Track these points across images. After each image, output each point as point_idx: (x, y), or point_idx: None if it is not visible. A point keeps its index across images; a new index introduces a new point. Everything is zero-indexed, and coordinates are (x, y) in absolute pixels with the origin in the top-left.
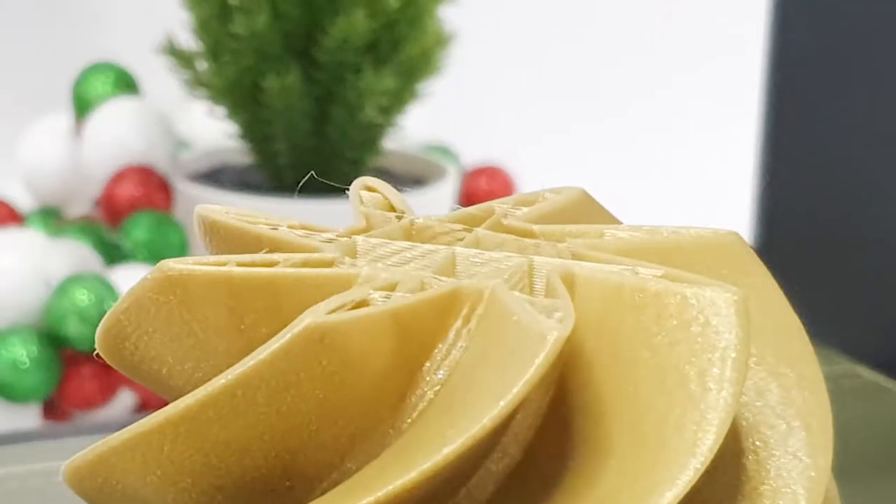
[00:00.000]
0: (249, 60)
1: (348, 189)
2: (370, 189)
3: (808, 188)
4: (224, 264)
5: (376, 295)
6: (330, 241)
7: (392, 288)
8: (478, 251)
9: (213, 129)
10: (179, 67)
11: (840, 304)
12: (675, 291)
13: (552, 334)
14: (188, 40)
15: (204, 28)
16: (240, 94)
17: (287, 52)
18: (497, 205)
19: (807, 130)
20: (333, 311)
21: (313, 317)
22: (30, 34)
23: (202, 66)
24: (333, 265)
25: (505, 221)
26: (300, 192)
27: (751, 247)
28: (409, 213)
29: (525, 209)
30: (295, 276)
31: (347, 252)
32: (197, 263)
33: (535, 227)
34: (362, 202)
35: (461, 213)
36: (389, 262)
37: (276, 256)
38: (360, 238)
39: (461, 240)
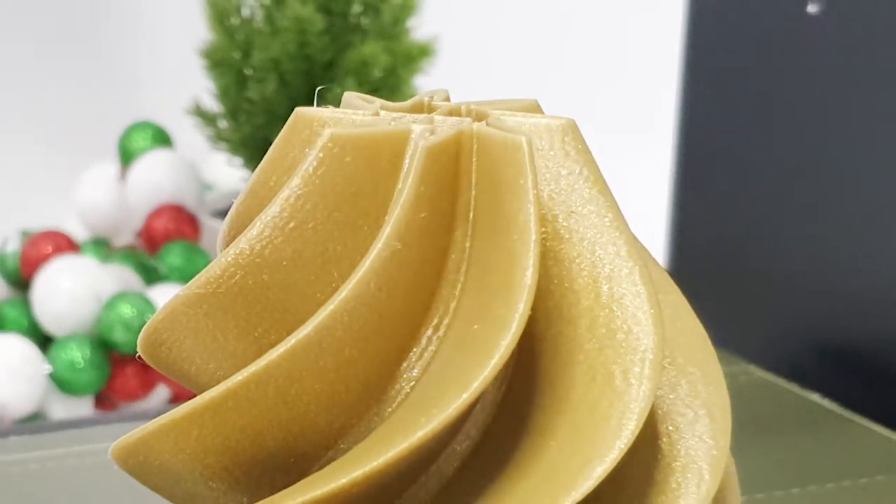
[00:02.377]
0: (261, 120)
1: None
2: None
3: (711, 223)
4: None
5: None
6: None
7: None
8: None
9: (231, 176)
10: (204, 126)
11: (736, 316)
12: (605, 304)
13: (505, 340)
14: (212, 104)
15: (224, 94)
16: (253, 147)
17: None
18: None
19: (712, 175)
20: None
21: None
22: (85, 98)
23: (223, 124)
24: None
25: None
26: None
27: (665, 270)
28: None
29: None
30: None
31: None
32: (216, 284)
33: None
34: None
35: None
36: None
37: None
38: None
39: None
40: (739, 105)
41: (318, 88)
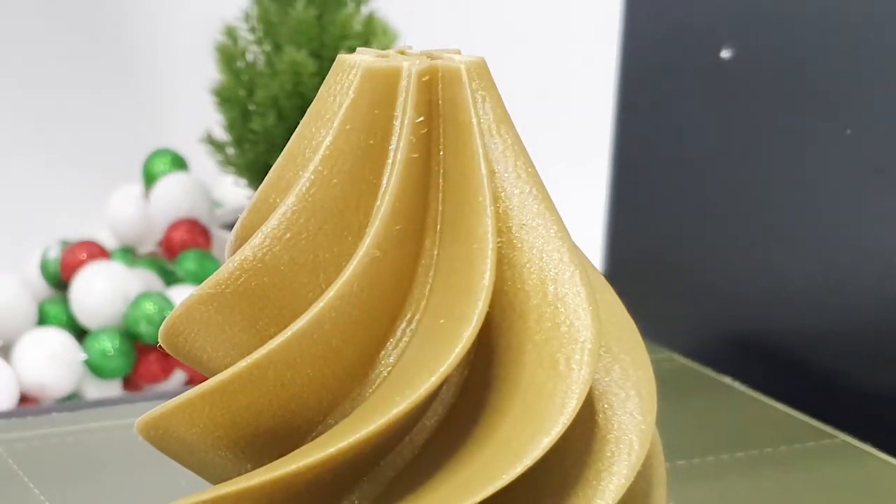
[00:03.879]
0: (262, 148)
1: None
2: None
3: (640, 234)
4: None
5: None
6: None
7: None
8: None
9: (237, 194)
10: (215, 153)
11: (661, 312)
12: (551, 302)
13: (467, 332)
14: (221, 134)
15: (231, 126)
16: (255, 171)
17: (288, 140)
18: None
19: (640, 193)
20: None
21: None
22: (115, 130)
23: (230, 151)
24: None
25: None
26: None
27: (601, 273)
28: None
29: None
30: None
31: None
32: (224, 285)
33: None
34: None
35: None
36: None
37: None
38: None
39: None
40: (665, 134)
41: None
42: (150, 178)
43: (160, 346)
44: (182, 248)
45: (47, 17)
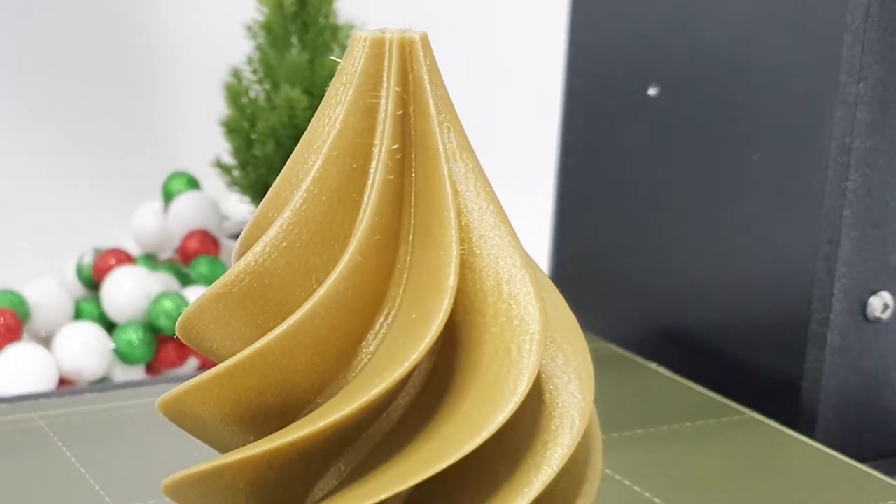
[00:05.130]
0: (263, 171)
1: None
2: None
3: (581, 242)
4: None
5: None
6: None
7: None
8: None
9: (242, 210)
10: (223, 175)
11: (598, 308)
12: (505, 300)
13: (435, 325)
14: (228, 159)
15: (237, 152)
16: (257, 190)
17: (285, 164)
18: None
19: (582, 207)
20: None
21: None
22: (140, 155)
23: (236, 174)
24: None
25: None
26: None
27: (547, 275)
28: None
29: None
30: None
31: None
32: (231, 286)
33: None
34: None
35: None
36: None
37: None
38: None
39: None
40: (602, 159)
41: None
42: (168, 196)
43: (177, 337)
44: (195, 254)
45: (92, 69)
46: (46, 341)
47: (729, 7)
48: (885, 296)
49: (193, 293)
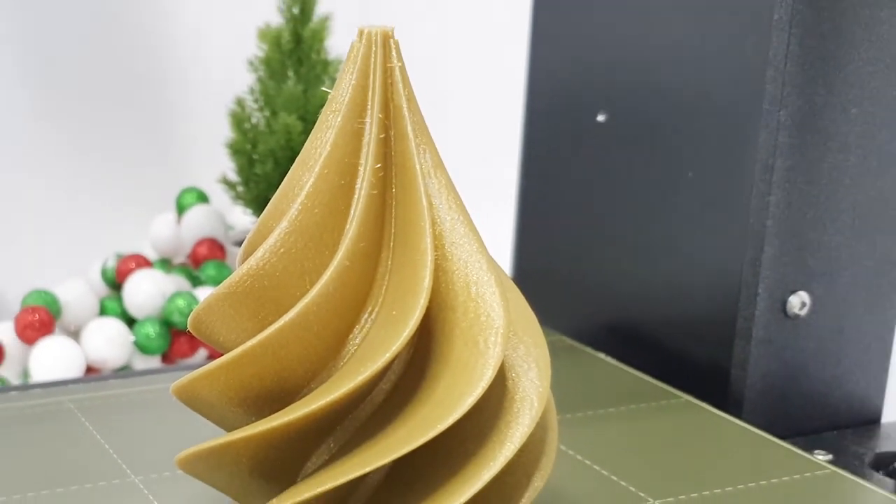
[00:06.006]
0: (263, 187)
1: None
2: None
3: (541, 247)
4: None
5: None
6: None
7: None
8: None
9: (245, 221)
10: (228, 190)
11: (554, 305)
12: (473, 299)
13: (412, 321)
14: (233, 177)
15: (241, 170)
16: (258, 204)
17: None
18: None
19: (541, 217)
20: None
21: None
22: (158, 174)
23: (240, 189)
24: None
25: None
26: None
27: (510, 276)
28: None
29: None
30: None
31: None
32: (235, 286)
33: None
34: None
35: None
36: None
37: None
38: None
39: None
40: (560, 173)
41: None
42: (181, 208)
43: (189, 331)
44: (205, 259)
45: (117, 99)
46: (75, 334)
47: (668, 42)
48: (803, 295)
49: (203, 293)
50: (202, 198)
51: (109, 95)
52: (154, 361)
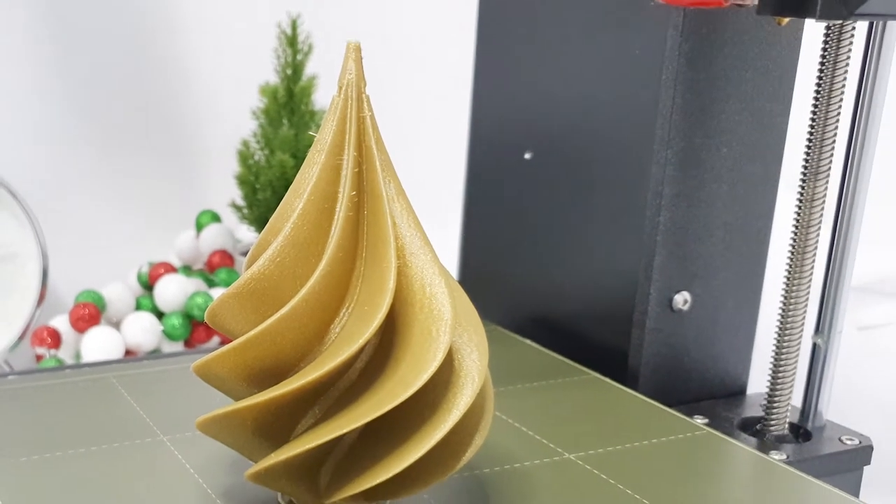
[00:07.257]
0: (264, 209)
1: None
2: None
3: (482, 253)
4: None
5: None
6: None
7: None
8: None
9: (250, 236)
10: (236, 212)
11: (492, 300)
12: (427, 298)
13: (380, 315)
14: (240, 201)
15: (246, 196)
16: (260, 223)
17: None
18: None
19: (483, 225)
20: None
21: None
22: (180, 198)
23: (246, 211)
24: None
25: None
26: None
27: (456, 279)
28: None
29: None
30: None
31: None
32: (242, 287)
33: None
34: None
35: None
36: None
37: None
38: None
39: None
40: (496, 198)
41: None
42: (199, 226)
43: (206, 322)
44: (218, 266)
45: (147, 140)
46: (117, 325)
47: (581, 94)
48: (685, 294)
49: (217, 293)
50: (216, 218)
51: (146, 136)
52: (178, 346)
